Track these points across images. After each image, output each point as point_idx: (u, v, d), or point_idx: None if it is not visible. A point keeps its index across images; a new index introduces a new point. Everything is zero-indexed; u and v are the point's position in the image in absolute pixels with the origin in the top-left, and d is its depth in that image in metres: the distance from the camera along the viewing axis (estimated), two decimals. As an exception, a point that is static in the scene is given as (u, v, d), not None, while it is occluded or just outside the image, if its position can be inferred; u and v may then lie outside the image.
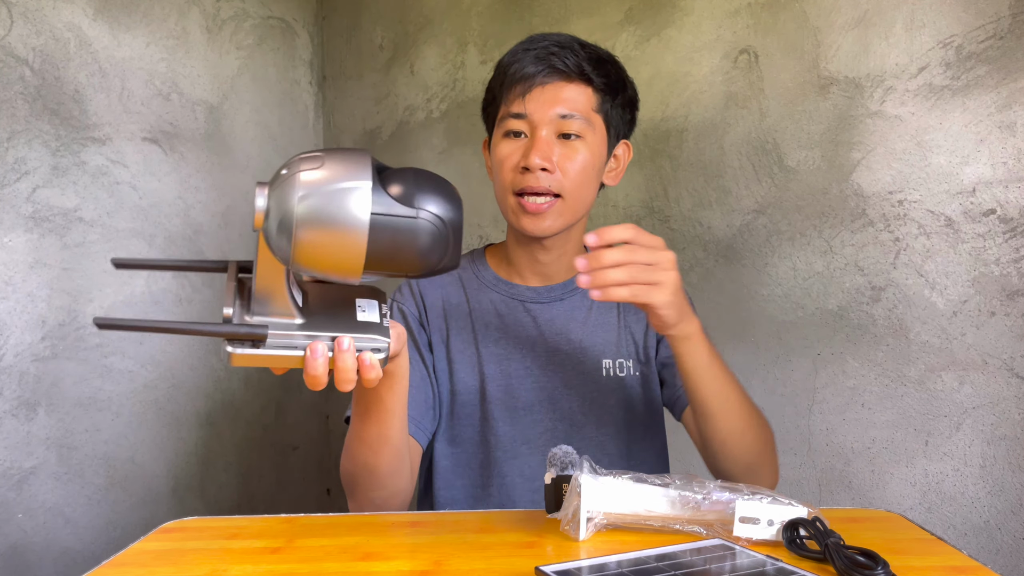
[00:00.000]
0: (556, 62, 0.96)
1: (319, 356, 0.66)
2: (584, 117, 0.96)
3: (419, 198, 0.63)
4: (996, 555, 1.12)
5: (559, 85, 0.96)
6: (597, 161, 0.99)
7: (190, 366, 1.70)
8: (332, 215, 0.60)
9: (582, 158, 0.96)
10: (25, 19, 1.40)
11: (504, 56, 1.00)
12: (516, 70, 0.97)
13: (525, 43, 0.99)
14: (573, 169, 0.96)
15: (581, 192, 0.98)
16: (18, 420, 1.39)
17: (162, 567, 0.65)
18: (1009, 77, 1.10)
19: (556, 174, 0.95)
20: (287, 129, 1.98)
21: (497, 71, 1.01)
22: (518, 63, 0.97)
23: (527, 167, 0.95)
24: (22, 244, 1.39)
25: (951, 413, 1.15)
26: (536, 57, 0.96)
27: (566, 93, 0.96)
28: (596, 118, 0.98)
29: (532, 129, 0.97)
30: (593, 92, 0.98)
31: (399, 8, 1.91)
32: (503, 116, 0.99)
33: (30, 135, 1.40)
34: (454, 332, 1.05)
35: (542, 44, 0.97)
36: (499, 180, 0.99)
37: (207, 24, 1.76)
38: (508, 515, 0.79)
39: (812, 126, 1.28)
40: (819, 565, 0.62)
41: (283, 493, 1.93)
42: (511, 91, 0.97)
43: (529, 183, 0.95)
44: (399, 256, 0.63)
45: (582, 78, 0.97)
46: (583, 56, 0.97)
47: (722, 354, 1.36)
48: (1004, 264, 1.11)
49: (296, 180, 0.60)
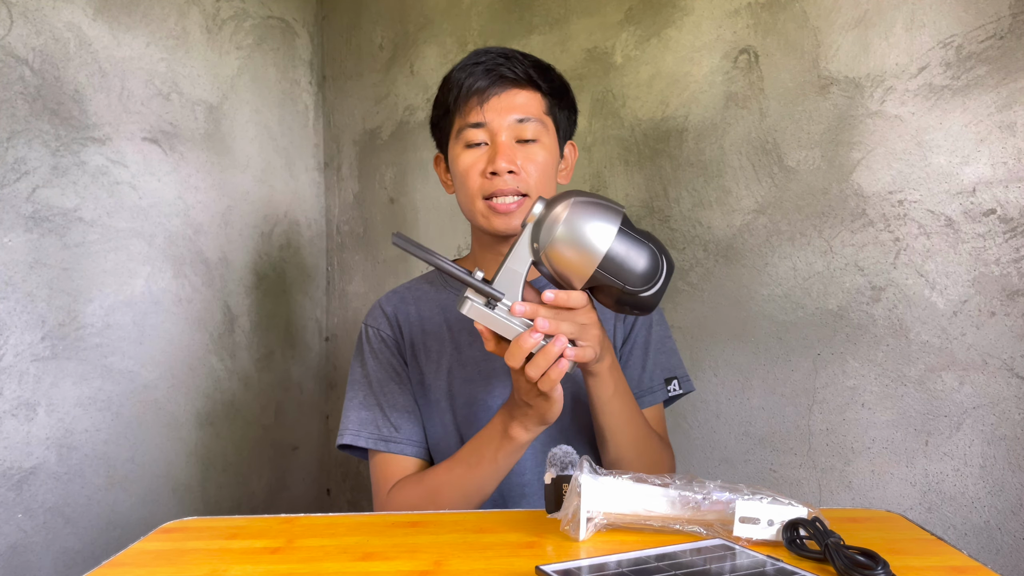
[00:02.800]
0: (506, 72, 1.02)
1: (534, 336, 0.79)
2: (538, 119, 1.03)
3: (646, 235, 0.82)
4: (996, 555, 1.12)
5: (512, 92, 1.02)
6: (553, 160, 1.06)
7: (190, 366, 1.70)
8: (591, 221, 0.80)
9: (542, 158, 1.03)
10: (25, 19, 1.40)
11: (452, 72, 1.06)
12: (470, 84, 1.02)
13: (470, 58, 1.05)
14: (535, 169, 1.02)
15: (544, 190, 1.04)
16: (18, 420, 1.39)
17: (162, 567, 0.65)
18: (1009, 77, 1.10)
19: (521, 175, 1.01)
20: (287, 129, 1.98)
21: (447, 87, 1.06)
22: (470, 77, 1.02)
23: (495, 172, 1.00)
24: (22, 244, 1.39)
25: (951, 413, 1.15)
26: (486, 69, 1.02)
27: (519, 99, 1.02)
28: (547, 120, 1.05)
29: (492, 136, 1.02)
30: (542, 97, 1.04)
31: (399, 8, 1.91)
32: (461, 128, 1.04)
33: (30, 135, 1.40)
34: (430, 346, 1.08)
35: (487, 56, 1.03)
36: (466, 188, 1.03)
37: (207, 24, 1.76)
38: (508, 515, 0.79)
39: (812, 126, 1.28)
40: (819, 565, 0.62)
41: (283, 493, 1.93)
42: (467, 103, 1.03)
43: (498, 186, 1.01)
44: (625, 272, 0.79)
45: (531, 84, 1.03)
46: (528, 64, 1.03)
47: (722, 354, 1.37)
48: (1004, 264, 1.11)
49: (570, 199, 0.81)
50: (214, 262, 1.77)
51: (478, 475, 0.93)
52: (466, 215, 1.07)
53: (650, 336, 1.10)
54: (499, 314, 0.81)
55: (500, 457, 0.91)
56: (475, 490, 0.94)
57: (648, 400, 1.07)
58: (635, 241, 0.80)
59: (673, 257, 0.83)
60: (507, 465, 0.92)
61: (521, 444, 0.90)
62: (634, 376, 1.07)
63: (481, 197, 1.02)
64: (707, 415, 1.40)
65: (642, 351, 1.09)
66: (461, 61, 1.06)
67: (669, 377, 1.09)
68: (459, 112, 1.04)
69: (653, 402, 1.08)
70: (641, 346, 1.09)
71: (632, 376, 1.07)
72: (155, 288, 1.62)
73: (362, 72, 2.00)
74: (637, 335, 1.09)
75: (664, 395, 1.08)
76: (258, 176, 1.89)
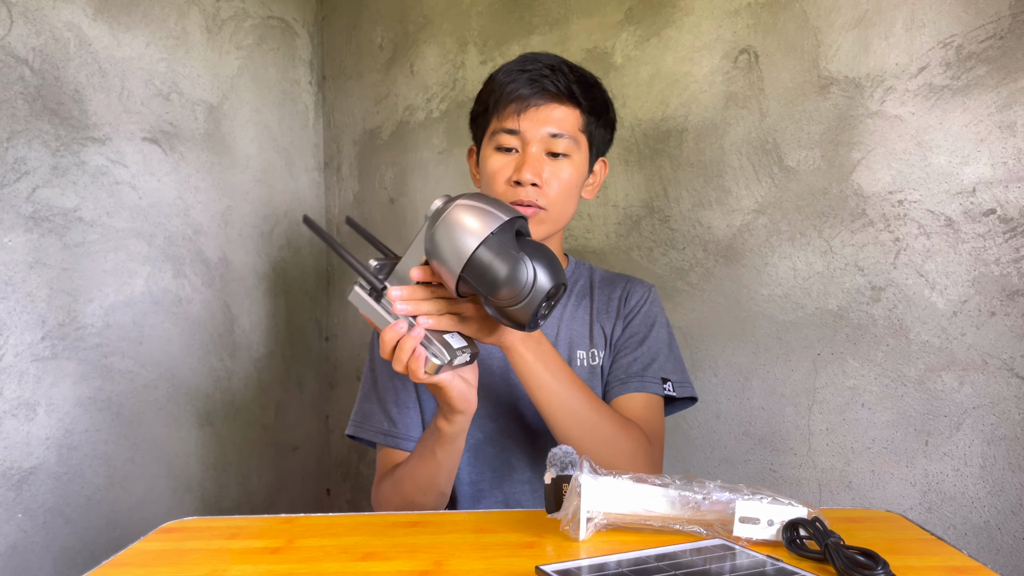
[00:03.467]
0: (548, 84, 1.02)
1: (396, 327, 0.80)
2: (571, 136, 1.04)
3: (532, 251, 0.78)
4: (996, 555, 1.12)
5: (551, 106, 1.03)
6: (580, 177, 1.06)
7: (190, 366, 1.70)
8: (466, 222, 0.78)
9: (567, 175, 1.04)
10: (25, 19, 1.40)
11: (498, 73, 1.07)
12: (512, 90, 1.03)
13: (518, 63, 1.06)
14: (559, 185, 1.03)
15: (563, 206, 1.05)
16: (18, 420, 1.39)
17: (162, 567, 0.65)
18: (1009, 77, 1.10)
19: (543, 188, 1.02)
20: (287, 129, 1.98)
21: (491, 86, 1.07)
22: (514, 83, 1.03)
23: (519, 181, 1.01)
24: (22, 244, 1.39)
25: (951, 413, 1.15)
26: (530, 79, 1.03)
27: (557, 114, 1.03)
28: (581, 137, 1.06)
29: (523, 145, 1.03)
30: (580, 113, 1.05)
31: (399, 8, 1.91)
32: (496, 130, 1.05)
33: (30, 135, 1.40)
34: None
35: (535, 66, 1.04)
36: (490, 190, 1.05)
37: (207, 24, 1.76)
38: (508, 515, 0.79)
39: (812, 126, 1.28)
40: (819, 565, 0.62)
41: (283, 493, 1.93)
42: (506, 108, 1.04)
43: (519, 196, 1.02)
44: (485, 279, 0.77)
45: (571, 100, 1.04)
46: (572, 79, 1.04)
47: (722, 354, 1.37)
48: (1004, 264, 1.11)
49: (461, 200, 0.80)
50: (214, 262, 1.77)
51: (426, 469, 0.95)
52: None
53: (648, 334, 1.10)
54: (382, 306, 0.82)
55: (438, 450, 0.93)
56: (427, 483, 0.96)
57: (635, 385, 1.05)
58: (506, 253, 0.77)
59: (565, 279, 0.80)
60: (447, 458, 0.94)
61: (449, 436, 0.91)
62: (622, 363, 1.07)
63: None
64: (707, 415, 1.39)
65: (636, 344, 1.09)
66: (509, 63, 1.07)
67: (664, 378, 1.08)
68: (496, 114, 1.05)
69: (641, 389, 1.05)
70: (637, 340, 1.09)
71: (621, 363, 1.07)
72: (155, 288, 1.62)
73: (362, 72, 2.00)
74: (636, 331, 1.09)
75: (658, 389, 1.06)
76: (258, 176, 1.89)
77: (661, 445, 1.06)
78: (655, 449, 1.02)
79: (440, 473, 0.95)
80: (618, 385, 1.06)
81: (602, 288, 1.14)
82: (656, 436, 1.05)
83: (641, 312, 1.11)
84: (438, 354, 0.81)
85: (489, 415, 1.05)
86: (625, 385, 1.06)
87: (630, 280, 1.15)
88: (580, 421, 0.93)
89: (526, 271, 0.77)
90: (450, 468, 0.95)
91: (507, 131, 1.03)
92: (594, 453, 0.90)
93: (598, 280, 1.16)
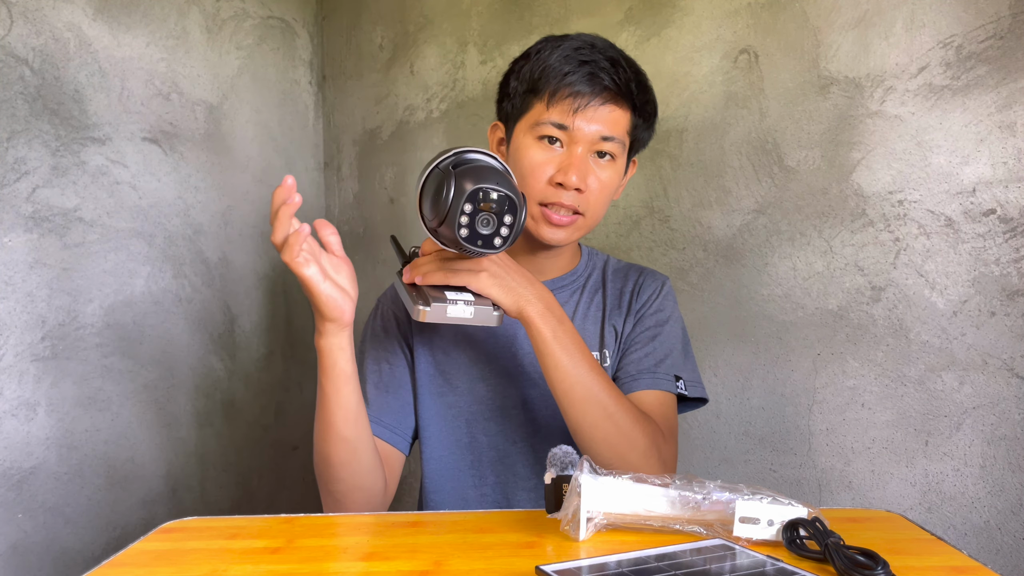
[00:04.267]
0: (609, 83, 0.95)
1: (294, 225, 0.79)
2: (620, 139, 0.98)
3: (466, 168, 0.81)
4: (996, 555, 1.12)
5: (608, 107, 0.96)
6: (618, 180, 1.02)
7: (190, 366, 1.70)
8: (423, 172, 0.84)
9: (608, 178, 0.99)
10: (25, 19, 1.40)
11: (550, 53, 0.98)
12: (571, 82, 0.95)
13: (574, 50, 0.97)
14: (600, 189, 0.98)
15: (600, 210, 1.01)
16: (18, 420, 1.39)
17: (162, 567, 0.65)
18: (1009, 77, 1.10)
19: (585, 193, 0.97)
20: (287, 129, 1.98)
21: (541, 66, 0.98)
22: (572, 75, 0.95)
23: (562, 183, 0.95)
24: (22, 244, 1.39)
25: (951, 413, 1.15)
26: (591, 73, 0.95)
27: (612, 115, 0.97)
28: (628, 140, 1.00)
29: (570, 143, 0.96)
30: (632, 115, 0.99)
31: (399, 8, 1.91)
32: (542, 120, 0.97)
33: (30, 135, 1.40)
34: (441, 335, 1.07)
35: (594, 57, 0.96)
36: (526, 186, 0.98)
37: (207, 24, 1.76)
38: (508, 515, 0.79)
39: (812, 126, 1.28)
40: (819, 565, 0.62)
41: (283, 493, 1.93)
42: (559, 101, 0.96)
43: (560, 199, 0.96)
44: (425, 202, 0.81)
45: (627, 100, 0.98)
46: (631, 76, 0.97)
47: (722, 354, 1.37)
48: (1004, 264, 1.11)
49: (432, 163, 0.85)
50: (214, 262, 1.77)
51: (322, 409, 0.90)
52: None
53: (661, 330, 1.05)
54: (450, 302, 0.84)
55: (321, 378, 0.89)
56: (324, 426, 0.90)
57: (647, 382, 1.01)
58: (440, 175, 0.80)
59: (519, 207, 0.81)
60: (332, 390, 0.88)
61: (325, 352, 0.87)
62: (633, 358, 1.03)
63: (538, 202, 0.98)
64: (707, 415, 1.39)
65: (648, 339, 1.04)
66: (565, 44, 0.98)
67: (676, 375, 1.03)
68: (547, 103, 0.97)
69: (653, 386, 1.01)
70: (648, 336, 1.04)
71: (632, 358, 1.03)
72: (155, 288, 1.62)
73: (362, 72, 2.00)
74: (648, 327, 1.05)
75: (671, 386, 1.02)
76: (258, 176, 1.89)
77: (675, 444, 1.01)
78: (670, 447, 0.97)
79: (331, 409, 0.88)
80: (629, 381, 1.01)
81: (614, 281, 1.09)
82: (671, 434, 1.00)
83: (653, 307, 1.06)
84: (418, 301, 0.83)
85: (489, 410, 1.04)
86: (636, 381, 1.01)
87: (643, 272, 1.10)
88: (595, 408, 0.88)
89: (446, 181, 0.78)
90: (339, 404, 0.88)
91: (557, 125, 0.96)
92: (608, 444, 0.89)
93: (611, 272, 1.11)
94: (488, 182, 0.78)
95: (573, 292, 1.08)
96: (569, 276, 1.09)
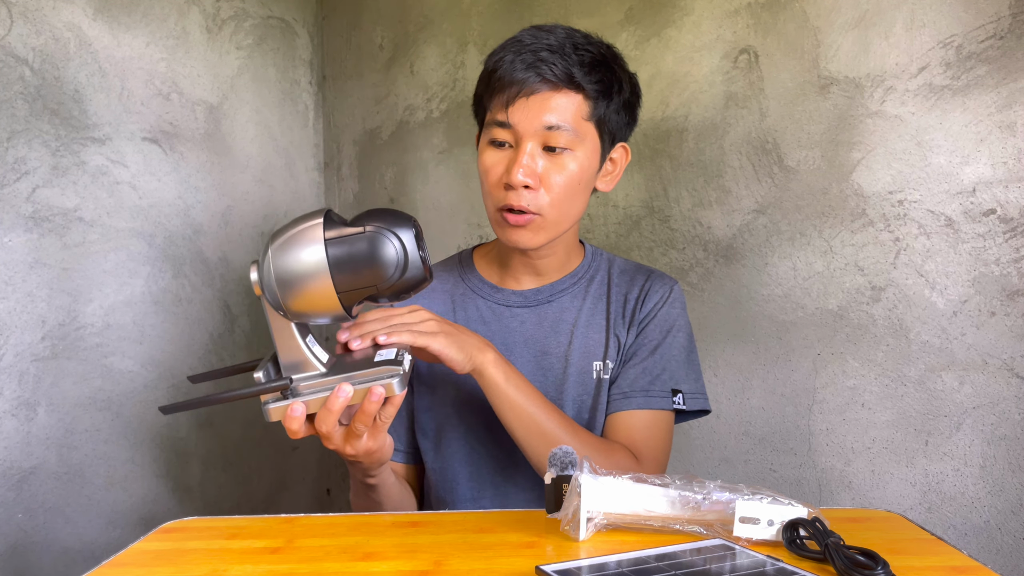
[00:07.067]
0: (544, 70, 0.89)
1: (340, 395, 0.73)
2: (572, 128, 0.91)
3: (366, 219, 0.73)
4: (996, 555, 1.12)
5: (546, 95, 0.90)
6: (586, 173, 0.95)
7: (190, 366, 1.70)
8: (296, 256, 0.72)
9: (568, 172, 0.93)
10: (25, 19, 1.40)
11: (494, 52, 0.95)
12: (501, 75, 0.91)
13: (514, 44, 0.93)
14: (557, 185, 0.92)
15: (565, 207, 0.95)
16: (18, 420, 1.39)
17: (162, 567, 0.65)
18: (1009, 77, 1.10)
19: (539, 191, 0.93)
20: (287, 129, 1.98)
21: (489, 68, 0.95)
22: (504, 68, 0.91)
23: (509, 183, 0.92)
24: (22, 244, 1.39)
25: (951, 413, 1.15)
26: (524, 63, 0.90)
27: (553, 102, 0.90)
28: (587, 127, 0.93)
29: (517, 140, 0.92)
30: (584, 99, 0.92)
31: (399, 8, 1.91)
32: (489, 122, 0.94)
33: (30, 135, 1.40)
34: None
35: (531, 48, 0.91)
36: (483, 190, 0.97)
37: (207, 24, 1.76)
38: (508, 515, 0.79)
39: (812, 126, 1.28)
40: (819, 565, 0.62)
41: (283, 493, 1.93)
42: (496, 98, 0.92)
43: (511, 201, 0.92)
44: (363, 273, 0.72)
45: (571, 86, 0.91)
46: (574, 61, 0.91)
47: (722, 354, 1.37)
48: (1004, 264, 1.11)
49: (268, 251, 0.73)
50: (214, 262, 1.77)
51: (369, 505, 0.95)
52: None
53: (663, 341, 1.01)
54: (303, 395, 0.75)
55: (371, 495, 0.93)
56: (370, 504, 0.95)
57: (638, 402, 0.98)
58: (353, 239, 0.71)
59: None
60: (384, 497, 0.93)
61: (376, 485, 0.91)
62: (629, 375, 1.00)
63: (496, 207, 0.95)
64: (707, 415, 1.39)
65: (648, 353, 1.01)
66: (507, 40, 0.94)
67: (675, 389, 1.00)
68: (489, 104, 0.94)
69: (645, 406, 0.98)
70: (649, 349, 1.01)
71: (628, 374, 1.00)
72: (155, 288, 1.62)
73: (362, 72, 2.00)
74: (650, 338, 1.02)
75: (666, 403, 0.99)
76: (258, 176, 1.89)
77: (661, 464, 0.99)
78: (647, 469, 0.95)
79: (386, 505, 0.94)
80: (621, 399, 0.98)
81: (619, 285, 1.05)
82: (656, 455, 0.97)
83: (658, 316, 1.02)
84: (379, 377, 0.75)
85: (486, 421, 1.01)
86: (628, 400, 0.98)
87: (651, 276, 1.05)
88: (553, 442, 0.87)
89: (384, 239, 0.72)
90: (390, 496, 0.94)
91: (498, 123, 0.92)
92: None
93: (616, 275, 1.06)
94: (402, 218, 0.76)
95: (575, 296, 1.05)
96: (570, 279, 1.07)
